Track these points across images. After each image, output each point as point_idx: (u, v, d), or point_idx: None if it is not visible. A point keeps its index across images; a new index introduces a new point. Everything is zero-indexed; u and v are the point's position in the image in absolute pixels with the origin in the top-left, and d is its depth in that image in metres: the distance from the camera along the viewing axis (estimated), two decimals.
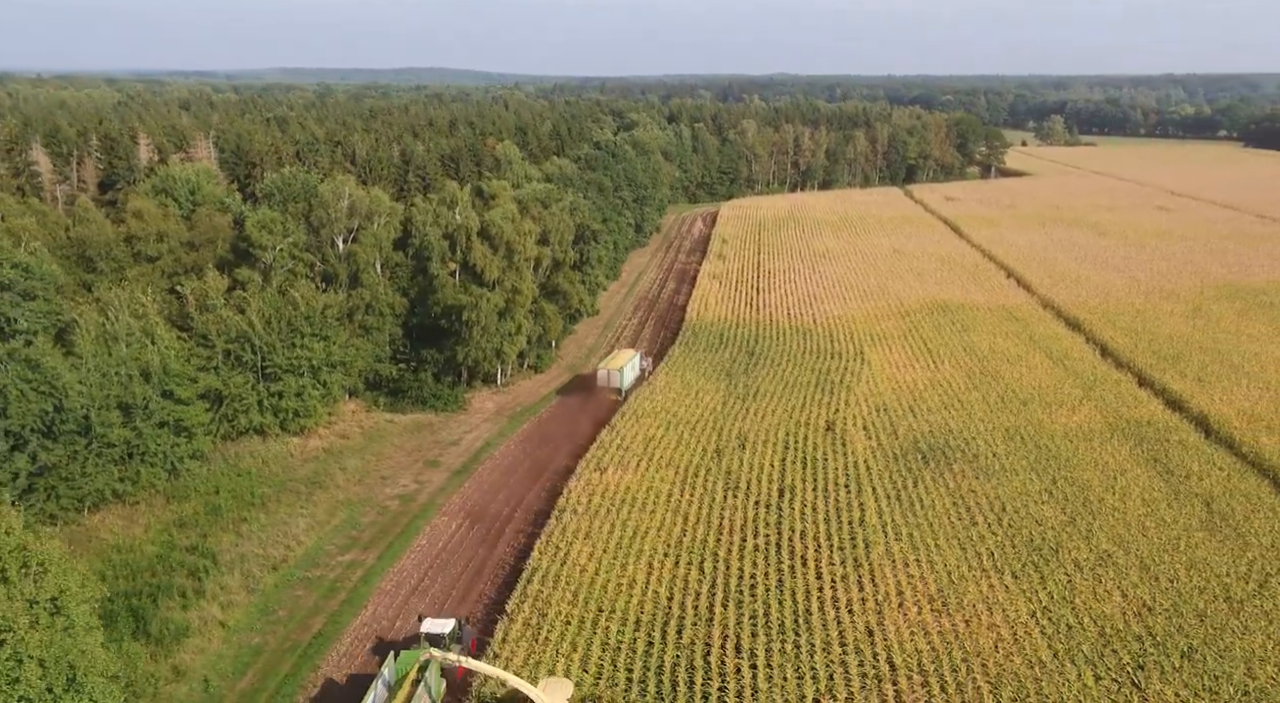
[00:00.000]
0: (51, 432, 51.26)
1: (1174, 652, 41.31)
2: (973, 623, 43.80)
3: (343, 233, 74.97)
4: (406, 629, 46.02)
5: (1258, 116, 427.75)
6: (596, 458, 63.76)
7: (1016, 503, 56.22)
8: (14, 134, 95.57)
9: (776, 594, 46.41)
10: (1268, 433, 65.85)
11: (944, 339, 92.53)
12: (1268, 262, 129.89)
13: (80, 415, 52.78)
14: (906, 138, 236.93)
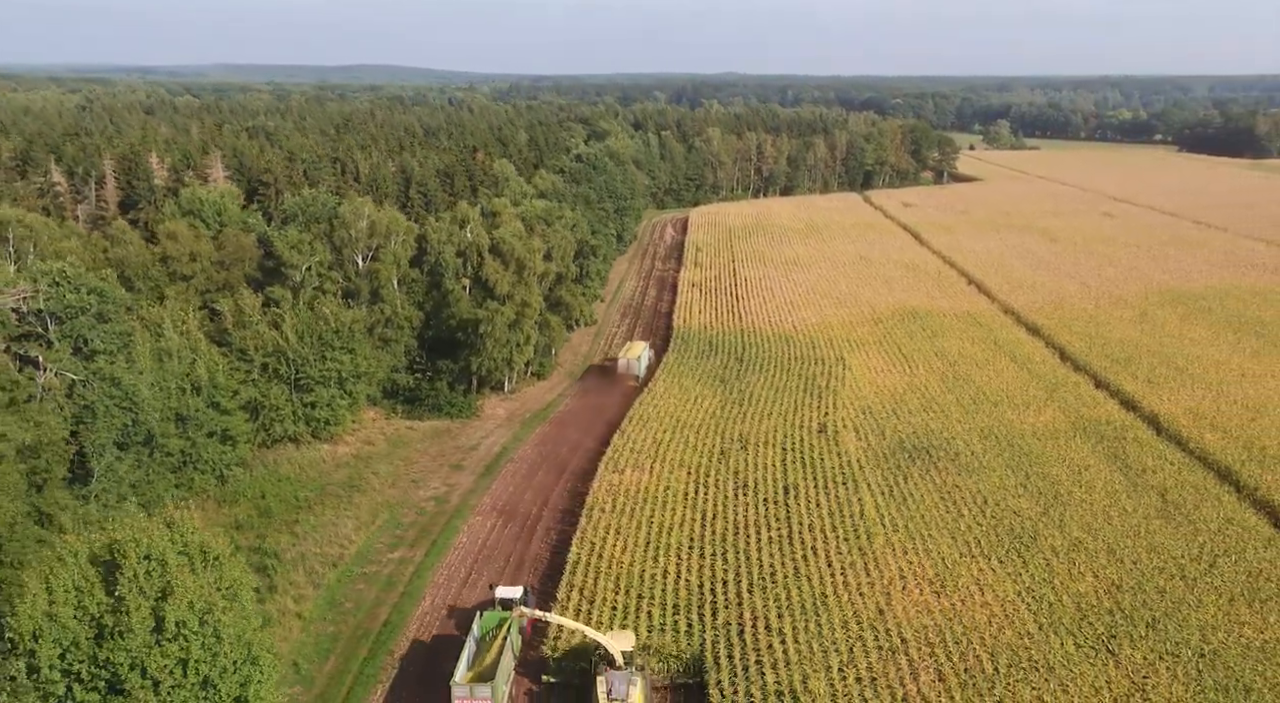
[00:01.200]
0: (124, 443, 55.47)
1: (1140, 623, 48.11)
2: (968, 602, 50.28)
3: (363, 251, 79.53)
4: (476, 597, 52.46)
5: (1190, 122, 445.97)
6: (613, 460, 69.35)
7: (996, 496, 62.97)
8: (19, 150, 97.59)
9: (794, 581, 52.47)
10: (1211, 430, 73.57)
11: (916, 345, 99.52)
12: (1205, 267, 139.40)
13: (146, 427, 57.05)
14: (864, 144, 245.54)
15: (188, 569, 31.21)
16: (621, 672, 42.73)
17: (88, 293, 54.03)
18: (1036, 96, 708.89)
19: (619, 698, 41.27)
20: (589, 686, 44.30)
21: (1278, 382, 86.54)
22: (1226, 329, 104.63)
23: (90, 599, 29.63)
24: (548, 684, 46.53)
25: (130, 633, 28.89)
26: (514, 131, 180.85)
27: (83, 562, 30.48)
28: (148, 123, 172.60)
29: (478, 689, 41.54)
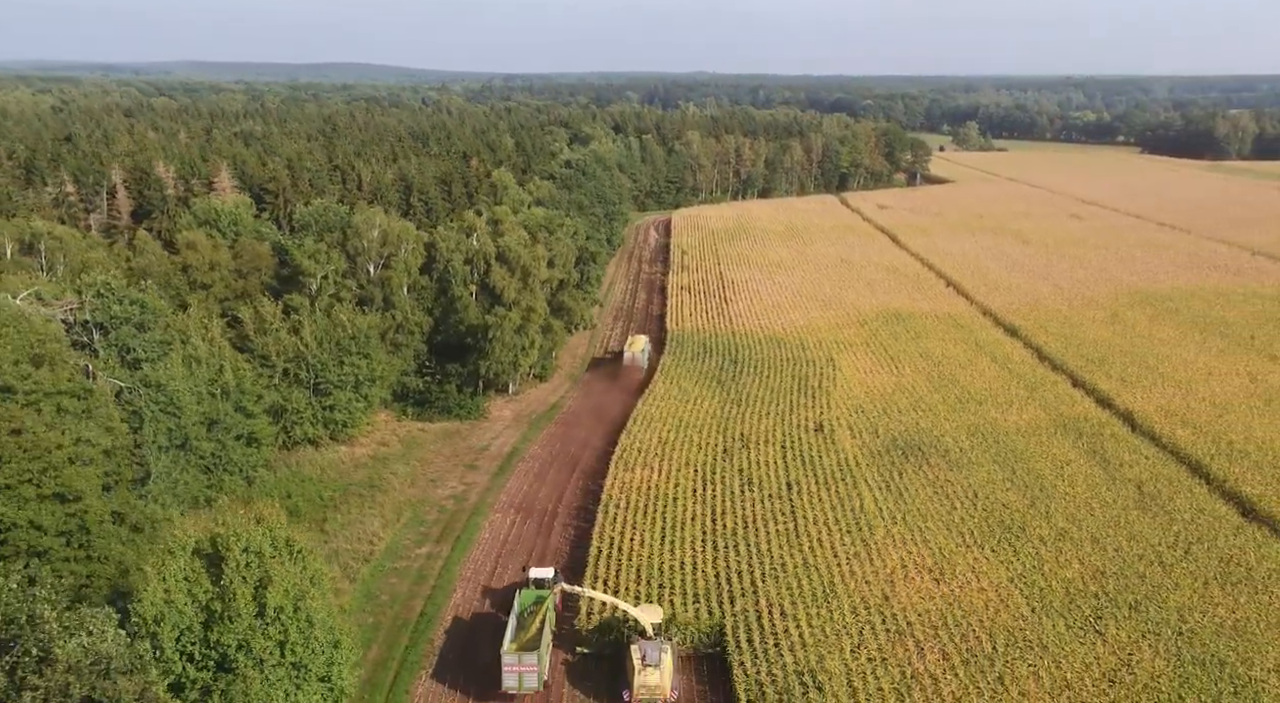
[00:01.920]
0: (166, 446, 58.14)
1: (1123, 605, 52.37)
2: (965, 588, 54.31)
3: (375, 259, 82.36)
4: (509, 577, 57.07)
5: (1152, 124, 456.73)
6: (623, 459, 72.80)
7: (985, 490, 67.16)
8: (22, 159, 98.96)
9: (804, 571, 56.23)
10: (1182, 426, 78.36)
11: (901, 346, 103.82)
12: (1171, 269, 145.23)
13: (185, 431, 59.73)
14: (839, 147, 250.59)
15: (280, 561, 34.34)
16: (653, 641, 47.12)
17: (130, 304, 56.59)
18: (1003, 98, 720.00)
19: (653, 664, 45.56)
20: (619, 656, 49.00)
21: (1242, 380, 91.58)
22: (1193, 329, 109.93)
23: (198, 588, 32.70)
24: (581, 655, 50.77)
25: (238, 617, 32.02)
26: (500, 136, 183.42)
27: (189, 554, 33.52)
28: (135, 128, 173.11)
29: (525, 657, 45.77)
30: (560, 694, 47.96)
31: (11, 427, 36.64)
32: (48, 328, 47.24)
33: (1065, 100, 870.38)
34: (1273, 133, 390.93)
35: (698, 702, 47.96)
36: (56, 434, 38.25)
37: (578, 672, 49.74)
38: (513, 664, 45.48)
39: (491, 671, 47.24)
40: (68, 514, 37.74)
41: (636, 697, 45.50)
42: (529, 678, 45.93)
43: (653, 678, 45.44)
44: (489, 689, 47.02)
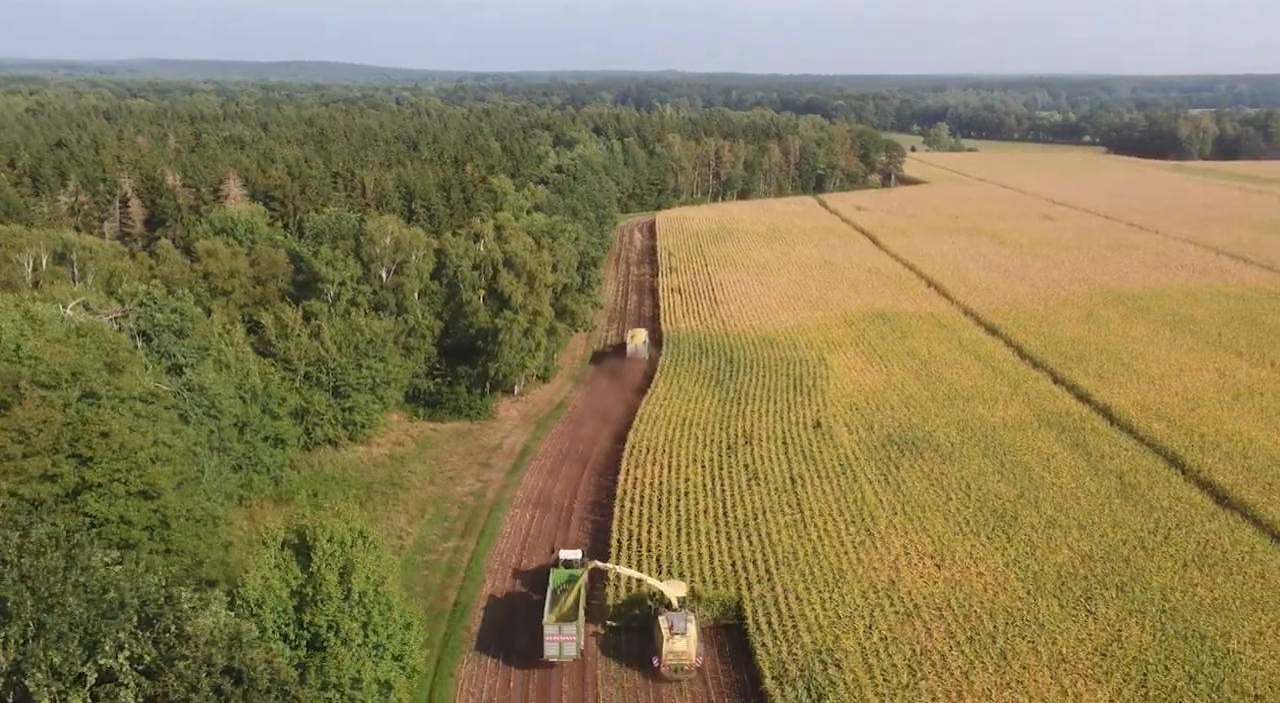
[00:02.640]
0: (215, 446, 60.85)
1: (1111, 586, 56.57)
2: (965, 573, 58.29)
3: (388, 266, 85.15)
4: (531, 579, 60.41)
5: (1117, 124, 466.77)
6: (634, 456, 76.26)
7: (977, 482, 71.28)
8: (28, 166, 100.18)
9: (814, 559, 59.96)
10: (1157, 420, 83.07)
11: (889, 345, 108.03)
12: (1142, 269, 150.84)
13: (221, 434, 62.45)
14: (816, 149, 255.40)
15: (360, 550, 37.50)
16: (678, 612, 51.37)
17: (171, 312, 59.22)
18: (970, 98, 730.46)
19: (680, 632, 49.98)
20: (645, 629, 53.51)
21: (1211, 376, 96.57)
22: (1164, 327, 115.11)
23: (289, 575, 35.78)
24: (611, 628, 55.07)
25: (328, 600, 35.13)
26: (486, 140, 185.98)
27: (279, 545, 36.59)
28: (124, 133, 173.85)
29: (565, 628, 50.19)
30: (594, 663, 51.99)
31: (100, 430, 39.38)
32: (119, 337, 49.76)
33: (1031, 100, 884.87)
34: (1233, 134, 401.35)
35: (719, 668, 51.77)
36: (138, 436, 41.01)
37: (608, 644, 54.07)
38: (554, 635, 49.83)
39: (528, 651, 51.48)
40: (151, 510, 40.57)
41: (665, 663, 49.82)
42: (568, 647, 50.44)
43: (680, 645, 49.89)
44: (530, 663, 51.12)
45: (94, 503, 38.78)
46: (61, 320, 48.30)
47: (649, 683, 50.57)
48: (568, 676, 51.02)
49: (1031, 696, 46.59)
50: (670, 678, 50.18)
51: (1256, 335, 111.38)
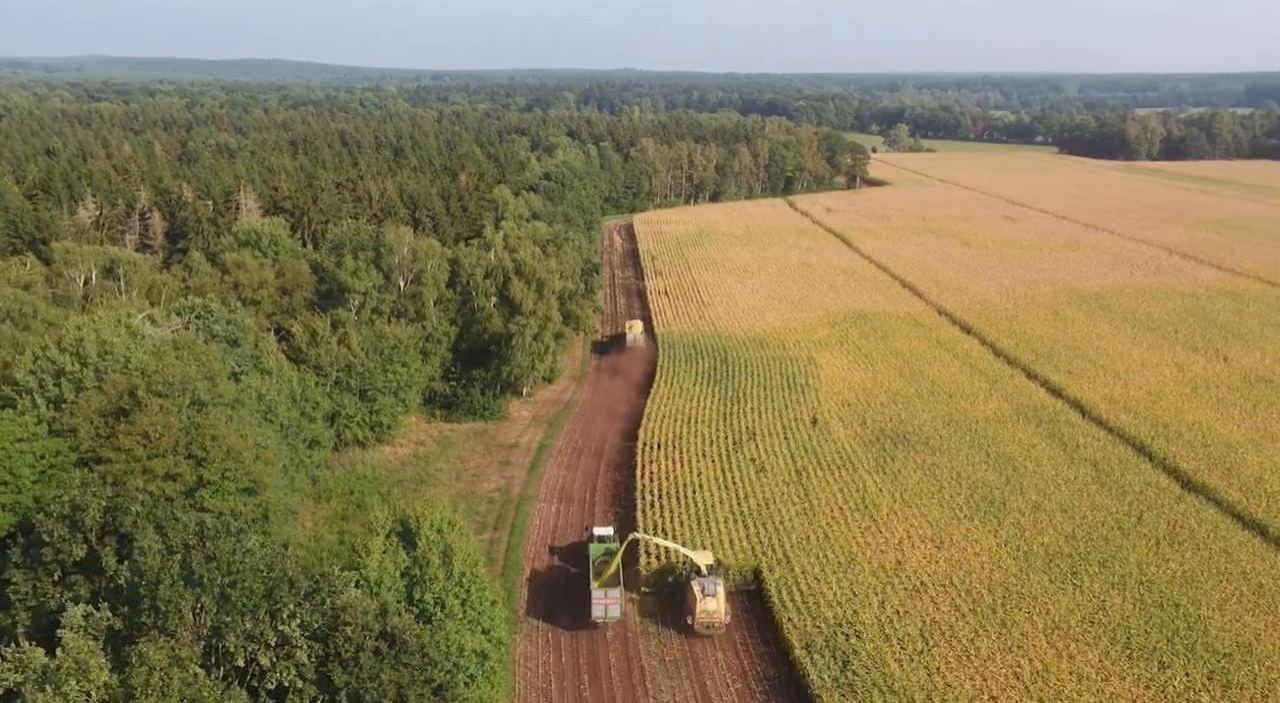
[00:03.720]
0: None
1: (1094, 563, 62.89)
2: (963, 552, 64.35)
3: (406, 275, 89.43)
4: (562, 567, 66.27)
5: (1068, 126, 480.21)
6: (647, 452, 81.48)
7: (966, 472, 77.47)
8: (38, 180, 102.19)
9: (826, 543, 65.67)
10: (1125, 412, 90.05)
11: (872, 345, 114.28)
12: (1100, 269, 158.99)
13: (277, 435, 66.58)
14: (784, 152, 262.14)
15: (455, 536, 42.38)
16: (708, 577, 58.17)
17: (227, 323, 63.28)
18: (926, 98, 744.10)
19: (711, 594, 56.95)
20: (676, 594, 60.69)
21: (1171, 370, 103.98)
22: (1124, 325, 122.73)
23: (398, 557, 40.54)
24: (644, 594, 61.66)
25: (435, 580, 39.96)
26: (469, 147, 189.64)
27: (387, 533, 41.33)
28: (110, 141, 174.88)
29: (610, 593, 56.99)
30: (633, 624, 58.56)
31: (212, 433, 43.67)
32: (210, 349, 53.73)
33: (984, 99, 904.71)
34: (1178, 135, 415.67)
35: (750, 642, 57.40)
36: (242, 438, 45.35)
37: (644, 608, 60.75)
38: (600, 599, 56.52)
39: (573, 622, 58.00)
40: (255, 504, 44.91)
41: (699, 621, 56.67)
42: (613, 609, 57.13)
43: (711, 605, 56.79)
44: (576, 628, 57.61)
45: (210, 498, 43.14)
46: (148, 335, 52.19)
47: (685, 643, 56.51)
48: (612, 643, 56.64)
49: (1031, 658, 52.64)
50: (703, 634, 57.09)
51: (1209, 332, 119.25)
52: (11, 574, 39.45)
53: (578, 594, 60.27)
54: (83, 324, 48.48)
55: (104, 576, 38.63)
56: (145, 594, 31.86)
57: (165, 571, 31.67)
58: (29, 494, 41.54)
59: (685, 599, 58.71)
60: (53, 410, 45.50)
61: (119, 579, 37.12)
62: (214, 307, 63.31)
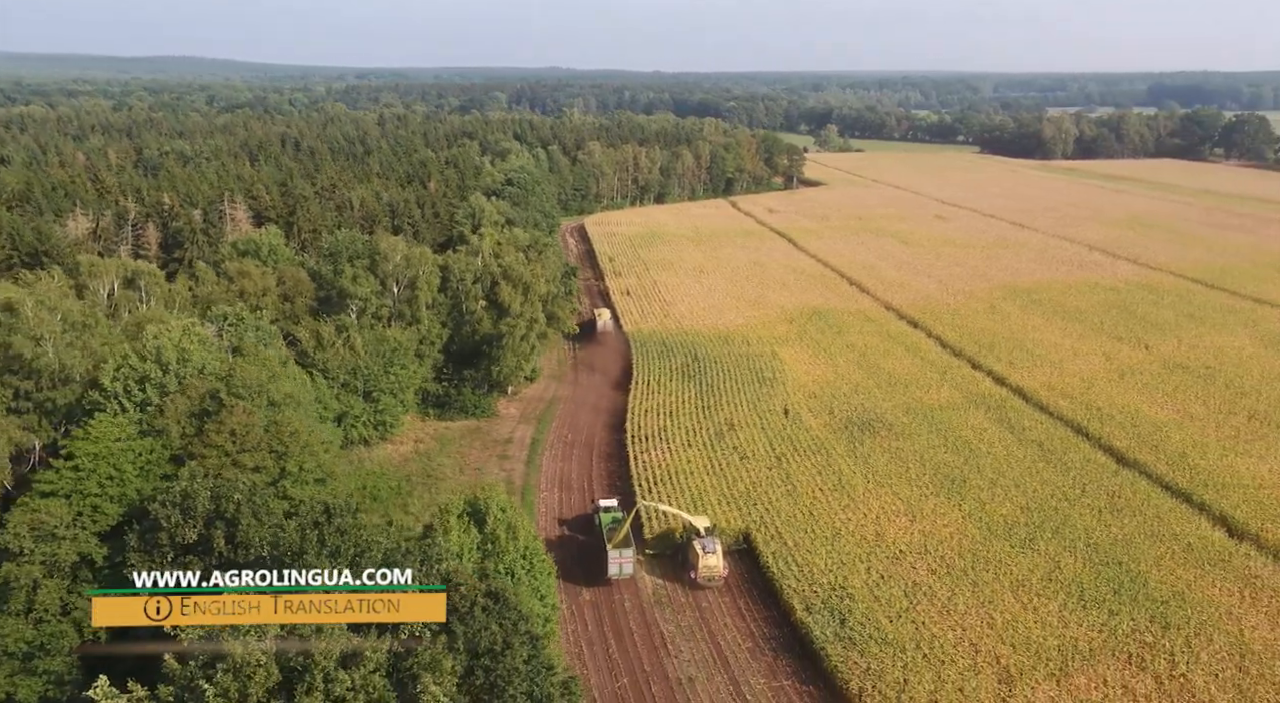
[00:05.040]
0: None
1: (1047, 531, 71.19)
2: (934, 524, 72.18)
3: (400, 281, 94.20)
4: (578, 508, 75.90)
5: (988, 126, 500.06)
6: (637, 444, 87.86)
7: (928, 454, 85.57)
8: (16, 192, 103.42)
9: (811, 520, 72.89)
10: (1062, 397, 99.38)
11: (829, 340, 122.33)
12: (1029, 266, 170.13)
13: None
14: (724, 154, 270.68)
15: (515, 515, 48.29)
16: (706, 537, 66.71)
17: (256, 330, 67.77)
18: (850, 98, 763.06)
19: (711, 551, 65.53)
20: (677, 553, 69.20)
21: (1099, 359, 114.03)
22: (1055, 317, 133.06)
23: (471, 533, 46.27)
24: (648, 556, 69.59)
25: (505, 552, 45.85)
26: (424, 152, 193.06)
27: (459, 512, 47.02)
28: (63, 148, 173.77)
29: (624, 552, 65.85)
30: (642, 580, 66.95)
31: (290, 429, 48.66)
32: (269, 354, 58.20)
33: (905, 98, 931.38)
34: (1090, 135, 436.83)
35: (754, 607, 64.34)
36: (313, 433, 50.39)
37: (649, 566, 68.90)
38: (615, 558, 64.98)
39: (591, 586, 65.61)
40: (328, 492, 49.97)
41: (701, 575, 65.07)
42: (626, 566, 65.88)
43: (712, 560, 65.35)
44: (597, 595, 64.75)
45: (291, 487, 48.14)
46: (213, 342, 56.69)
47: (698, 611, 63.59)
48: (631, 612, 63.36)
49: (1001, 611, 60.52)
50: (705, 586, 65.52)
51: (1131, 323, 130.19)
52: (130, 557, 44.24)
53: (590, 558, 68.52)
54: (160, 333, 52.85)
55: (214, 554, 43.81)
56: (291, 563, 37.25)
57: (307, 542, 37.04)
58: (132, 488, 46.07)
59: (688, 557, 67.12)
60: (139, 412, 49.93)
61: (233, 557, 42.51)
62: (245, 315, 67.65)
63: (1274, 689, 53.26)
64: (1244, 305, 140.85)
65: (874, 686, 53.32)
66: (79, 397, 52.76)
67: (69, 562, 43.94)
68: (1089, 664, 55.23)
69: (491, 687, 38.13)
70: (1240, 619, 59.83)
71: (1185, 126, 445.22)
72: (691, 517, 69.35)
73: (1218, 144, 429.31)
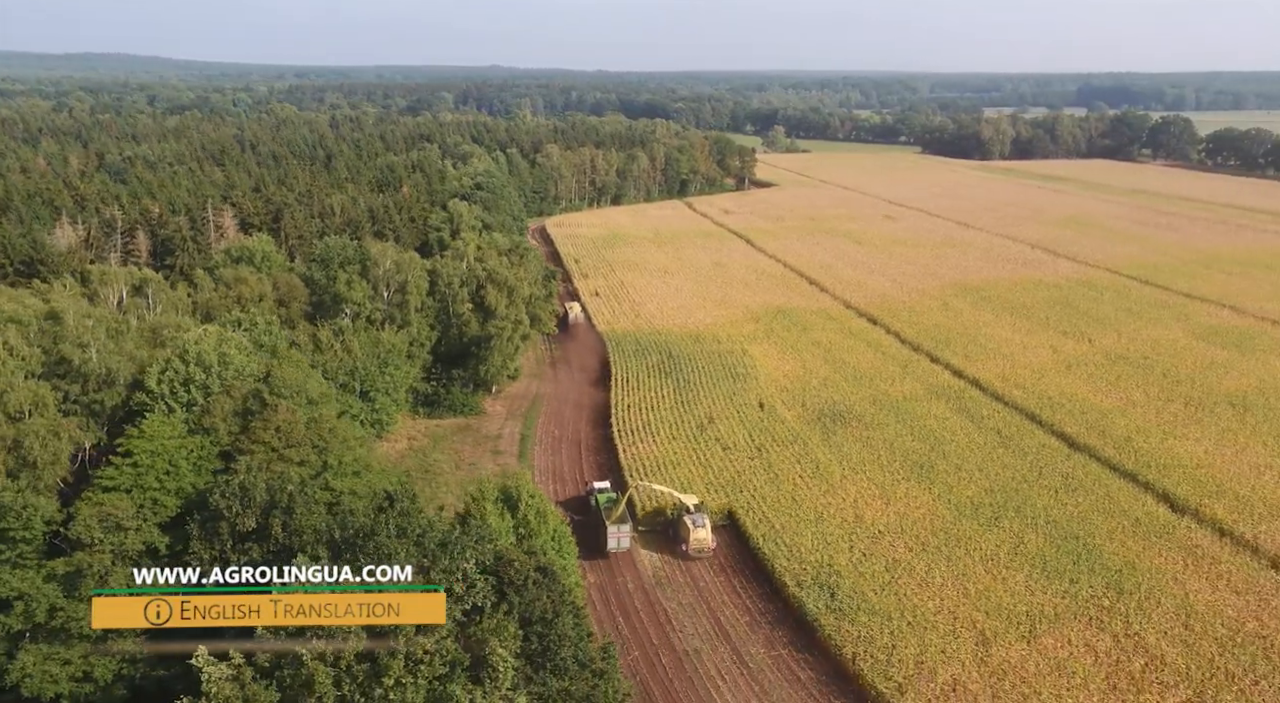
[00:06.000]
0: None
1: (1009, 510, 77.55)
2: (907, 506, 78.09)
3: (391, 285, 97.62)
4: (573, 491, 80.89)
5: (928, 126, 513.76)
6: (624, 438, 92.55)
7: (897, 442, 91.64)
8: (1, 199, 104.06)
9: (794, 505, 78.32)
10: (1016, 388, 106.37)
11: (794, 337, 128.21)
12: (977, 264, 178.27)
13: None
14: (678, 156, 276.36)
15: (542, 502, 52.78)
16: (695, 514, 72.97)
17: (268, 333, 71.07)
18: (794, 98, 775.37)
19: (700, 526, 72.16)
20: (667, 528, 75.56)
21: (1047, 352, 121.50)
22: (1005, 313, 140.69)
23: (505, 517, 50.63)
24: (640, 532, 75.51)
25: (538, 533, 50.31)
26: (388, 157, 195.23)
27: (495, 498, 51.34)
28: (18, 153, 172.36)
29: (622, 527, 71.80)
30: (637, 552, 73.11)
31: (330, 425, 52.42)
32: (300, 356, 61.48)
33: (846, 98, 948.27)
34: (1026, 136, 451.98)
35: (748, 586, 69.53)
36: (350, 429, 54.19)
37: (642, 541, 75.03)
38: (614, 533, 71.05)
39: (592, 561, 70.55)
40: (364, 484, 53.81)
41: (692, 547, 71.66)
42: (624, 541, 71.86)
43: (702, 534, 71.92)
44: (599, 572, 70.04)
45: (333, 480, 51.95)
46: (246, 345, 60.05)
47: (696, 590, 68.70)
48: (634, 592, 68.19)
49: (974, 582, 66.54)
50: (695, 557, 72.01)
51: (1073, 318, 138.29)
52: (193, 545, 47.87)
53: (586, 535, 73.04)
54: (200, 338, 56.13)
55: (271, 540, 47.68)
56: (362, 543, 41.38)
57: (379, 524, 41.23)
58: (187, 482, 49.50)
59: (679, 532, 73.58)
60: (185, 412, 53.28)
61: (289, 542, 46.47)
62: (259, 319, 70.91)
63: (1216, 644, 59.89)
64: (1176, 300, 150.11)
65: (866, 650, 58.83)
66: (124, 399, 55.80)
67: (136, 551, 47.31)
68: (1055, 627, 61.41)
69: (544, 650, 42.73)
70: (1184, 584, 66.63)
71: (1115, 127, 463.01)
72: (681, 495, 75.75)
73: (1145, 144, 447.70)
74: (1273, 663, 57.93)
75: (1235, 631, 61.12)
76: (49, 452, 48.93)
